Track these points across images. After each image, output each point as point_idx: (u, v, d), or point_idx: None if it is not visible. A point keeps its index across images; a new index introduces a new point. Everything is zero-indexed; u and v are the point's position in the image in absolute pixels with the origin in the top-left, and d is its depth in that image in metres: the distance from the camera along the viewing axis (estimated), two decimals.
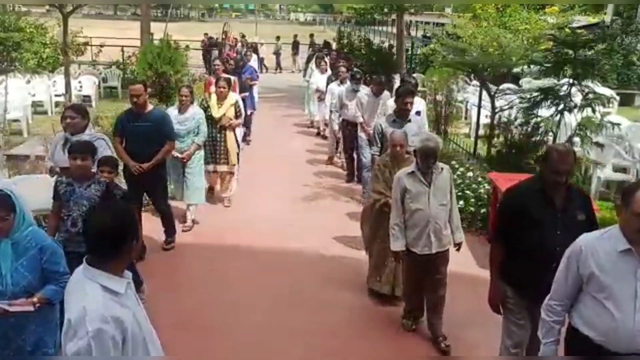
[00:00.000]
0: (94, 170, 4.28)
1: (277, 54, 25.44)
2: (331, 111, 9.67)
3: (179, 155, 6.43)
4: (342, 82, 9.49)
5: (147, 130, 5.68)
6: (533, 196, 3.40)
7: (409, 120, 6.03)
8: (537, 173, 3.53)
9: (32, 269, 3.18)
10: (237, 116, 7.48)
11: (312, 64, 13.01)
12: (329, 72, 11.48)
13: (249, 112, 10.52)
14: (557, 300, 2.93)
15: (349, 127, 8.59)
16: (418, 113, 6.98)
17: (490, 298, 3.73)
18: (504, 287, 3.61)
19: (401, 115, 6.05)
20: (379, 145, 6.13)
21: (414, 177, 4.37)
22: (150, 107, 5.91)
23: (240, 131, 8.51)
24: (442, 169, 4.43)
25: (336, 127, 9.50)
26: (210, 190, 7.69)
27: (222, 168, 7.43)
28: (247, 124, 10.60)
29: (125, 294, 2.25)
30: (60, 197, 4.19)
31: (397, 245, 4.47)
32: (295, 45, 25.68)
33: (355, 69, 10.10)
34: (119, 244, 2.24)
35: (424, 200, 4.34)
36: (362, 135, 8.03)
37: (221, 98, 7.36)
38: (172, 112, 6.61)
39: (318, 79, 11.52)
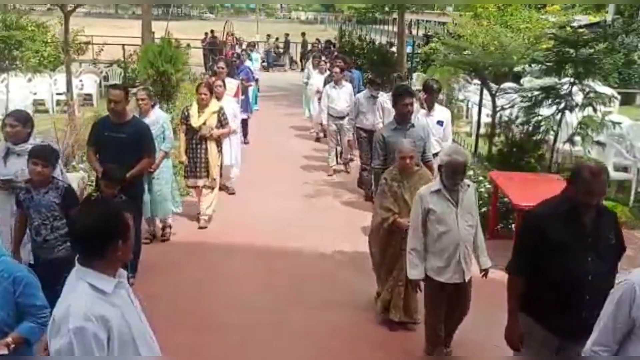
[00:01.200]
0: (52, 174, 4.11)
1: (268, 52, 25.42)
2: (333, 116, 9.16)
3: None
4: (336, 84, 9.15)
5: (124, 141, 5.12)
6: (559, 218, 3.03)
7: (412, 125, 5.47)
8: (562, 193, 3.13)
9: (3, 304, 2.80)
10: (221, 125, 6.77)
11: (310, 65, 12.69)
12: (328, 72, 11.12)
13: (245, 116, 10.16)
14: (603, 346, 2.58)
15: (366, 135, 7.87)
16: (440, 123, 6.59)
17: (509, 334, 3.31)
18: (528, 322, 3.19)
19: (402, 121, 5.43)
20: (382, 157, 5.36)
21: (440, 196, 3.92)
22: (130, 115, 5.35)
23: (237, 141, 8.02)
24: (468, 185, 4.02)
25: (333, 132, 9.19)
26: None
27: (201, 182, 6.75)
28: (243, 127, 10.21)
29: (115, 293, 2.25)
30: (21, 204, 4.07)
31: (415, 273, 4.03)
32: (286, 44, 25.67)
33: (369, 76, 9.64)
34: (103, 243, 2.23)
35: (452, 222, 3.89)
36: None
37: (202, 106, 6.72)
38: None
39: (317, 80, 11.24)
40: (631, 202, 7.80)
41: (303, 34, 24.81)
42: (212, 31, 22.90)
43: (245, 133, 10.69)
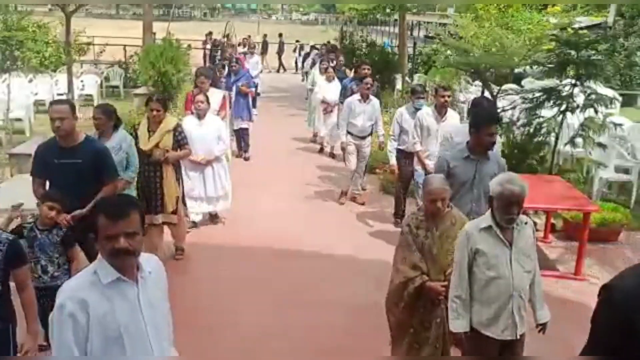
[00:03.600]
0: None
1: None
2: (350, 133, 7.63)
3: None
4: (363, 98, 7.54)
5: (79, 168, 4.22)
6: None
7: (488, 158, 4.38)
8: None
9: None
10: (179, 145, 5.60)
11: (315, 70, 11.67)
12: (337, 80, 9.98)
13: (244, 126, 9.75)
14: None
15: (406, 160, 6.82)
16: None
17: None
18: None
19: (480, 152, 4.36)
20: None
21: (490, 234, 3.25)
22: (81, 136, 4.36)
23: (223, 169, 6.67)
24: (525, 222, 3.33)
25: (351, 151, 7.65)
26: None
27: (156, 219, 5.58)
28: (243, 138, 9.85)
29: (112, 287, 2.26)
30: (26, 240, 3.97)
31: (458, 324, 3.33)
32: (264, 46, 25.63)
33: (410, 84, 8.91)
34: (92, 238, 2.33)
35: (505, 266, 3.23)
36: (418, 168, 6.47)
37: (153, 123, 5.51)
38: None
39: (324, 89, 10.18)
40: (632, 204, 7.80)
41: (280, 35, 24.74)
42: (210, 33, 22.87)
43: (245, 145, 9.92)
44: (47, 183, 4.42)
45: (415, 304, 3.74)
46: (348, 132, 7.64)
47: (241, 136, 9.96)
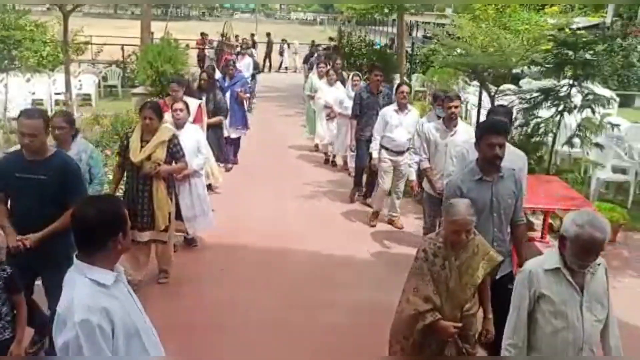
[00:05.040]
0: None
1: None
2: (385, 148, 6.89)
3: None
4: (400, 108, 6.81)
5: (44, 184, 3.74)
6: None
7: (502, 176, 3.84)
8: None
9: None
10: (173, 158, 5.16)
11: (314, 75, 10.79)
12: (339, 84, 9.44)
13: (237, 135, 9.28)
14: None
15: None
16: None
17: None
18: None
19: (490, 168, 3.84)
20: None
21: (558, 277, 2.81)
22: (51, 150, 3.89)
23: (201, 185, 6.12)
24: (598, 263, 2.85)
25: (386, 170, 6.87)
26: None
27: (144, 236, 5.12)
28: (234, 147, 9.32)
29: (115, 286, 2.28)
30: None
31: None
32: (252, 45, 25.57)
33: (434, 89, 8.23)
34: (102, 238, 2.27)
35: (574, 316, 2.79)
36: (427, 188, 5.83)
37: (147, 133, 5.05)
38: None
39: (327, 93, 9.44)
40: (629, 204, 7.82)
41: (252, 35, 24.68)
42: (203, 33, 22.79)
43: (233, 155, 9.31)
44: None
45: (425, 341, 3.42)
46: (382, 147, 6.83)
47: (235, 144, 9.41)
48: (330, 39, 23.29)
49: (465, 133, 5.55)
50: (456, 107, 5.62)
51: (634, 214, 7.45)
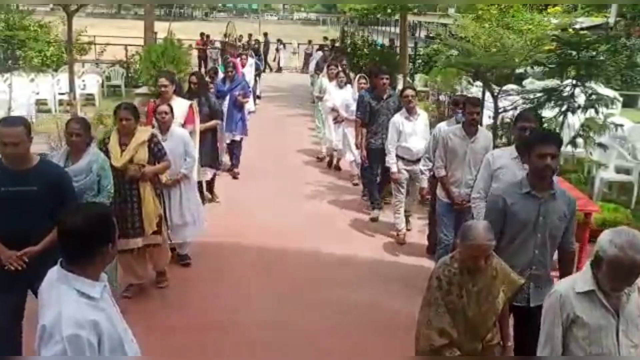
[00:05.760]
0: None
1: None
2: (401, 158, 6.53)
3: None
4: (410, 113, 6.51)
5: (32, 196, 3.50)
6: None
7: (553, 195, 3.45)
8: None
9: None
10: (155, 158, 4.94)
11: (324, 75, 10.48)
12: (349, 86, 9.07)
13: (237, 138, 8.80)
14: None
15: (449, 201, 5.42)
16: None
17: None
18: None
19: (538, 184, 3.45)
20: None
21: (592, 300, 2.60)
22: (35, 160, 3.62)
23: (193, 191, 5.85)
24: (637, 286, 2.65)
25: (404, 181, 6.57)
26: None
27: (135, 243, 4.90)
28: (234, 152, 8.91)
29: (101, 297, 2.26)
30: None
31: None
32: (266, 45, 25.60)
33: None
34: (91, 247, 2.22)
35: (610, 341, 2.61)
36: (442, 196, 5.43)
37: (124, 135, 4.84)
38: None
39: (336, 95, 9.08)
40: (633, 204, 7.81)
41: (265, 34, 24.63)
42: (202, 33, 22.75)
43: (235, 160, 8.95)
44: None
45: None
46: (398, 157, 6.46)
47: (232, 150, 8.97)
48: (325, 38, 23.19)
49: (486, 139, 5.33)
50: (477, 113, 5.32)
51: (638, 214, 7.45)
